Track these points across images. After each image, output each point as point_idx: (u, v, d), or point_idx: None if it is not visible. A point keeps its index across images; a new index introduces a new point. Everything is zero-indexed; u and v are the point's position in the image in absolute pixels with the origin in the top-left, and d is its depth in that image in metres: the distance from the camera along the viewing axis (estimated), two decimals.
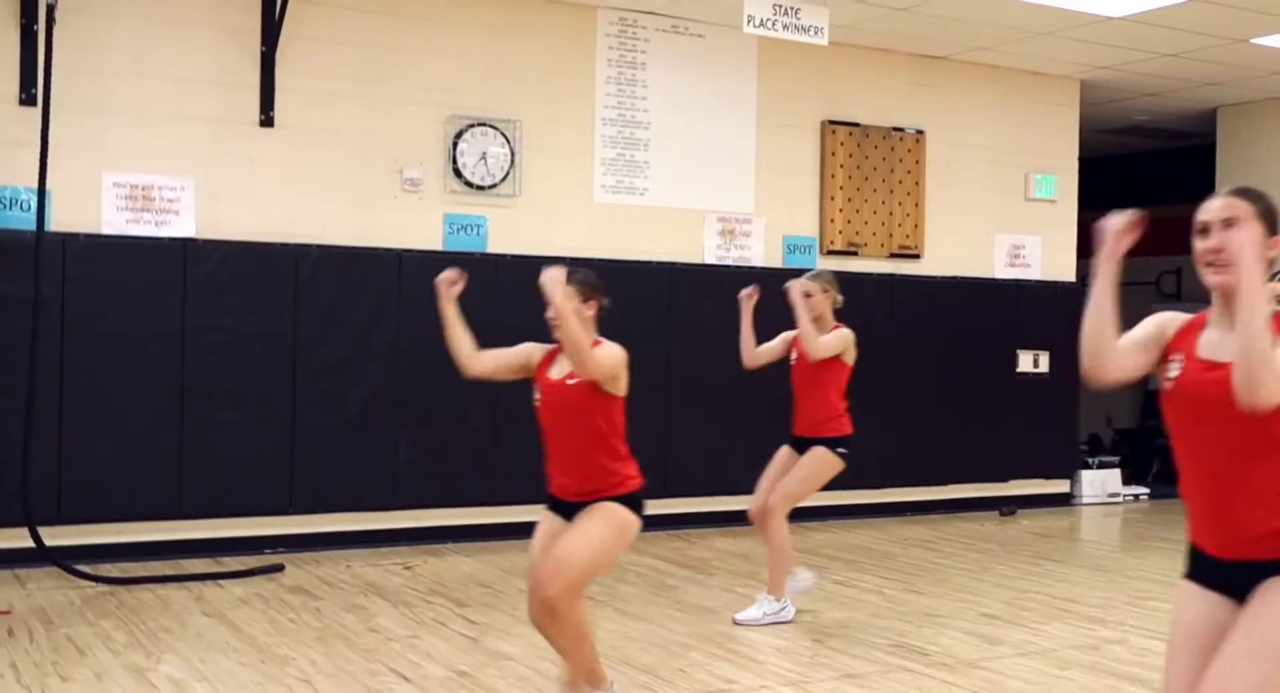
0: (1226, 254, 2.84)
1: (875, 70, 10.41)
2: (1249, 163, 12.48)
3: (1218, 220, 2.89)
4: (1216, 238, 2.89)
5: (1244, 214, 2.86)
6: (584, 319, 4.60)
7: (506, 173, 8.93)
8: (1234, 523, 2.85)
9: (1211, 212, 2.93)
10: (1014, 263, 11.18)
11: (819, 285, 6.75)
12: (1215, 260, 2.89)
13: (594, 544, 4.45)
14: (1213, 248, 2.90)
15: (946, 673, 5.72)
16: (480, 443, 8.85)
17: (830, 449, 6.69)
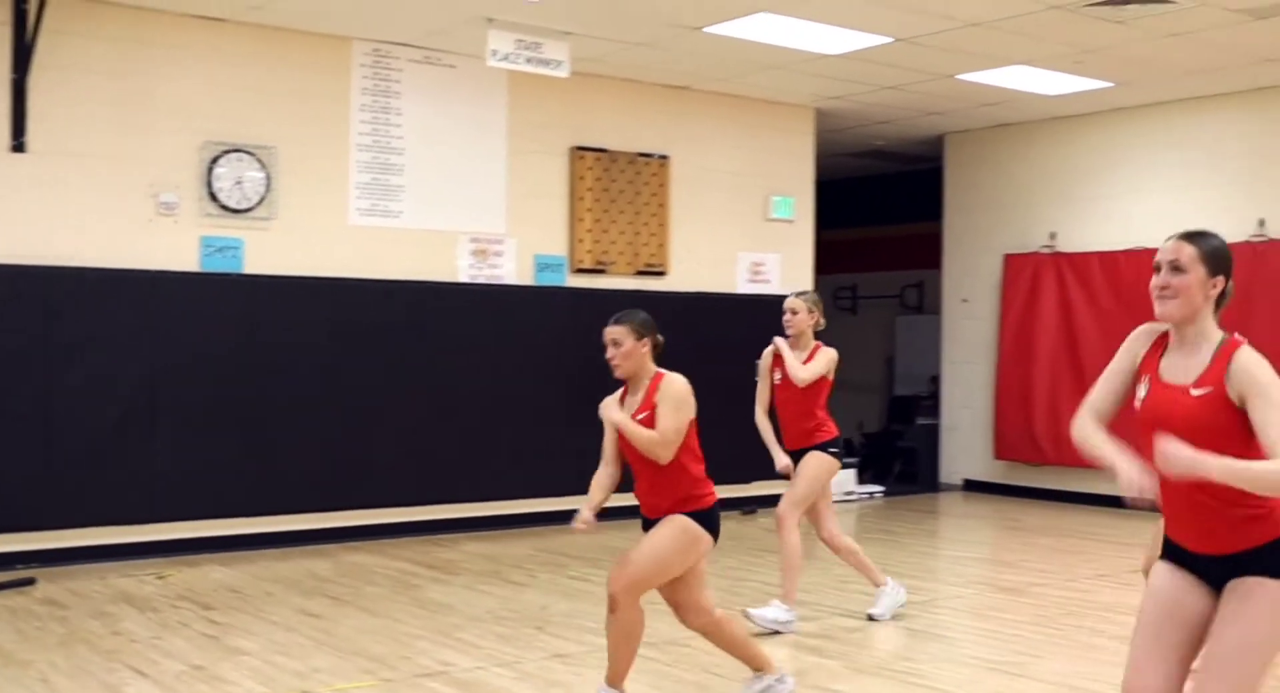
0: (1170, 291, 3.32)
1: (621, 99, 11.10)
2: (972, 186, 13.61)
3: (1166, 261, 3.36)
4: (1164, 277, 3.35)
5: (1188, 258, 3.33)
6: (641, 356, 5.06)
7: (262, 197, 9.30)
8: (1208, 523, 3.29)
9: (1163, 253, 3.39)
10: (755, 279, 12.01)
11: (805, 305, 7.06)
12: (1161, 294, 3.36)
13: (658, 550, 4.94)
14: (1160, 285, 3.36)
15: (653, 651, 6.34)
16: (235, 455, 9.18)
17: (824, 452, 7.08)
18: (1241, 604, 3.22)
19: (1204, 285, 3.33)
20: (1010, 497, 12.98)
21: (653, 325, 5.15)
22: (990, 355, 13.32)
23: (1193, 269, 3.32)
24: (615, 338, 5.08)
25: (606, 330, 5.09)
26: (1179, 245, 3.37)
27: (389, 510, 9.95)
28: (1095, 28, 9.12)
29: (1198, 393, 3.27)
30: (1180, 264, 3.33)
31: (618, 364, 5.04)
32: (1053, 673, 6.05)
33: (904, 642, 6.73)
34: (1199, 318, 3.35)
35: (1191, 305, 3.32)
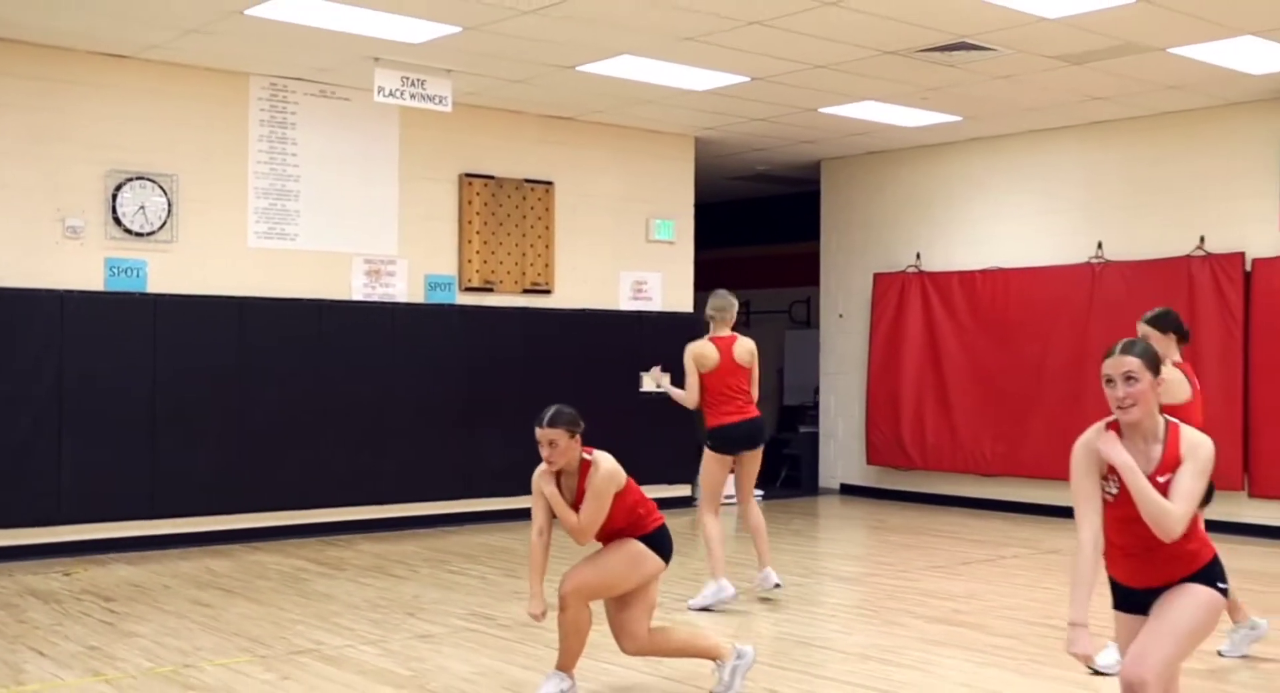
0: (1130, 400, 3.89)
1: (507, 129, 11.90)
2: (846, 209, 14.55)
3: (1119, 374, 3.92)
4: (1121, 389, 3.90)
5: (1136, 368, 3.90)
6: (574, 449, 5.49)
7: (164, 221, 9.99)
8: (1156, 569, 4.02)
9: (1111, 368, 3.94)
10: (637, 296, 12.85)
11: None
12: (1122, 405, 3.92)
13: (607, 562, 5.61)
14: (1119, 397, 3.91)
15: (506, 632, 7.13)
16: (141, 463, 9.85)
17: (704, 443, 8.15)
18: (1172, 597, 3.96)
19: (1153, 386, 3.94)
20: (882, 500, 13.90)
21: (578, 418, 5.52)
22: (863, 367, 14.24)
23: (1143, 376, 3.92)
24: (552, 439, 5.43)
25: (541, 432, 5.43)
26: (1123, 360, 3.94)
27: (290, 513, 10.65)
28: (930, 70, 10.05)
29: (1163, 479, 3.91)
30: (1133, 374, 3.92)
31: (553, 460, 5.51)
32: (854, 644, 6.90)
33: (729, 620, 7.54)
34: (1154, 412, 3.97)
35: (1149, 406, 3.94)
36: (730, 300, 8.30)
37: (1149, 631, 3.97)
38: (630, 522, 5.65)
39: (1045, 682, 6.12)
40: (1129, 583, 4.11)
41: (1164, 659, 3.89)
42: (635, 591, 5.65)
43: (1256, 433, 11.07)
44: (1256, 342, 11.10)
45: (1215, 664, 6.41)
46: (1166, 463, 3.94)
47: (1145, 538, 3.94)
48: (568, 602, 5.61)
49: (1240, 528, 10.95)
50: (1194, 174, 11.57)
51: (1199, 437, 4.01)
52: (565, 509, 5.56)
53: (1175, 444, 3.97)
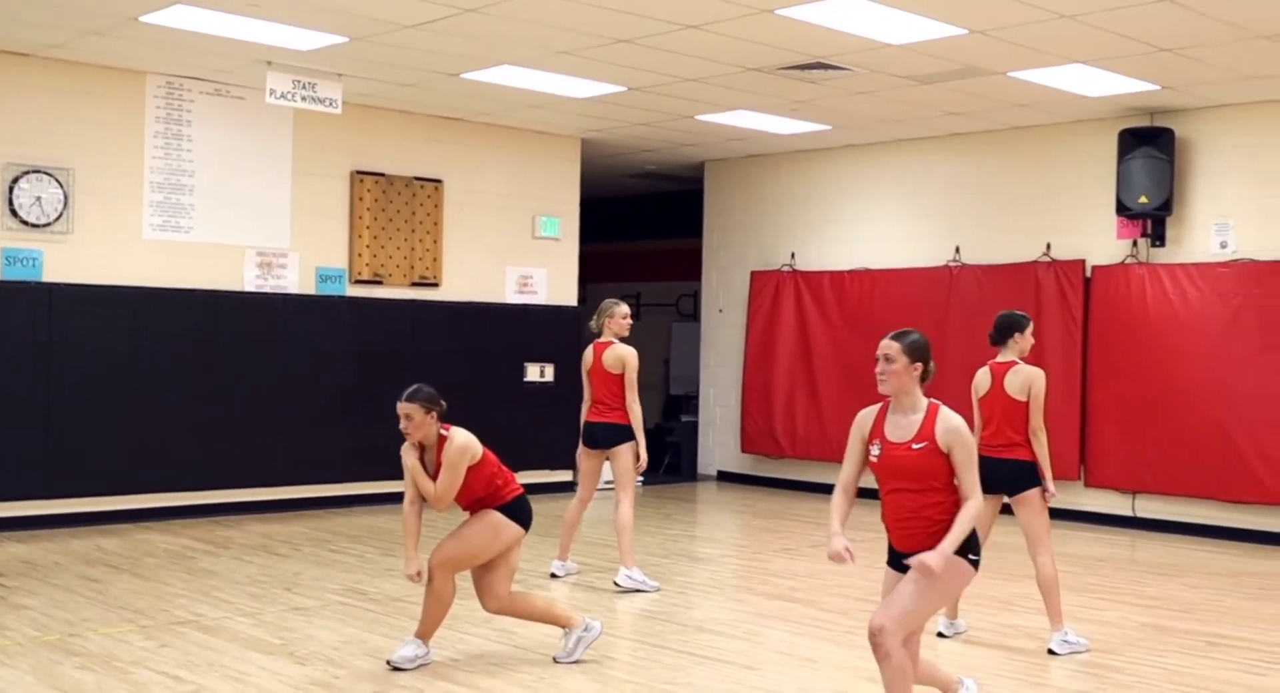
0: (883, 375, 4.77)
1: (398, 129, 12.43)
2: (727, 208, 15.25)
3: (881, 354, 4.79)
4: (880, 366, 4.78)
5: (894, 352, 4.76)
6: (431, 425, 6.10)
7: (60, 213, 10.40)
8: (912, 535, 4.78)
9: (880, 348, 4.81)
10: (523, 290, 13.44)
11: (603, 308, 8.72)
12: (879, 377, 4.80)
13: (468, 537, 6.21)
14: (878, 371, 4.79)
15: (376, 606, 7.71)
16: (36, 446, 10.28)
17: None
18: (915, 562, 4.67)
19: (908, 369, 4.78)
20: (755, 486, 14.64)
21: (436, 397, 6.15)
22: (740, 360, 14.97)
23: (899, 359, 4.78)
24: (408, 413, 6.08)
25: (400, 405, 6.09)
26: (888, 344, 4.82)
27: (181, 494, 11.12)
28: (793, 85, 10.74)
29: (918, 447, 4.72)
30: (890, 356, 4.79)
31: (410, 432, 6.17)
32: (691, 618, 7.59)
33: (582, 597, 8.19)
34: (910, 391, 4.79)
35: (900, 384, 4.78)
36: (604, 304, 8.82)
37: (900, 587, 4.80)
38: (489, 491, 6.29)
39: (856, 650, 6.83)
40: (898, 547, 4.91)
41: (904, 609, 4.72)
42: (498, 556, 6.29)
43: (1093, 427, 11.95)
44: (1094, 342, 11.97)
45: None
46: (922, 433, 4.76)
47: (900, 507, 4.82)
48: (434, 573, 6.23)
49: (1077, 515, 11.84)
50: (1042, 186, 12.42)
51: (954, 417, 4.83)
52: (424, 479, 6.20)
53: (932, 419, 4.77)
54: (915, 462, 4.75)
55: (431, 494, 6.19)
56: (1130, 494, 11.86)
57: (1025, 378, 7.00)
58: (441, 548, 6.26)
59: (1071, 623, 7.09)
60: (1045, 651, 6.87)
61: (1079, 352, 12.03)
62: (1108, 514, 11.94)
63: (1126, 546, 11.04)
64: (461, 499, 6.28)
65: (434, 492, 6.18)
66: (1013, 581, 8.53)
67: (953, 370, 9.98)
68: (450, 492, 6.19)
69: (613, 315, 8.72)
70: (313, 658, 6.46)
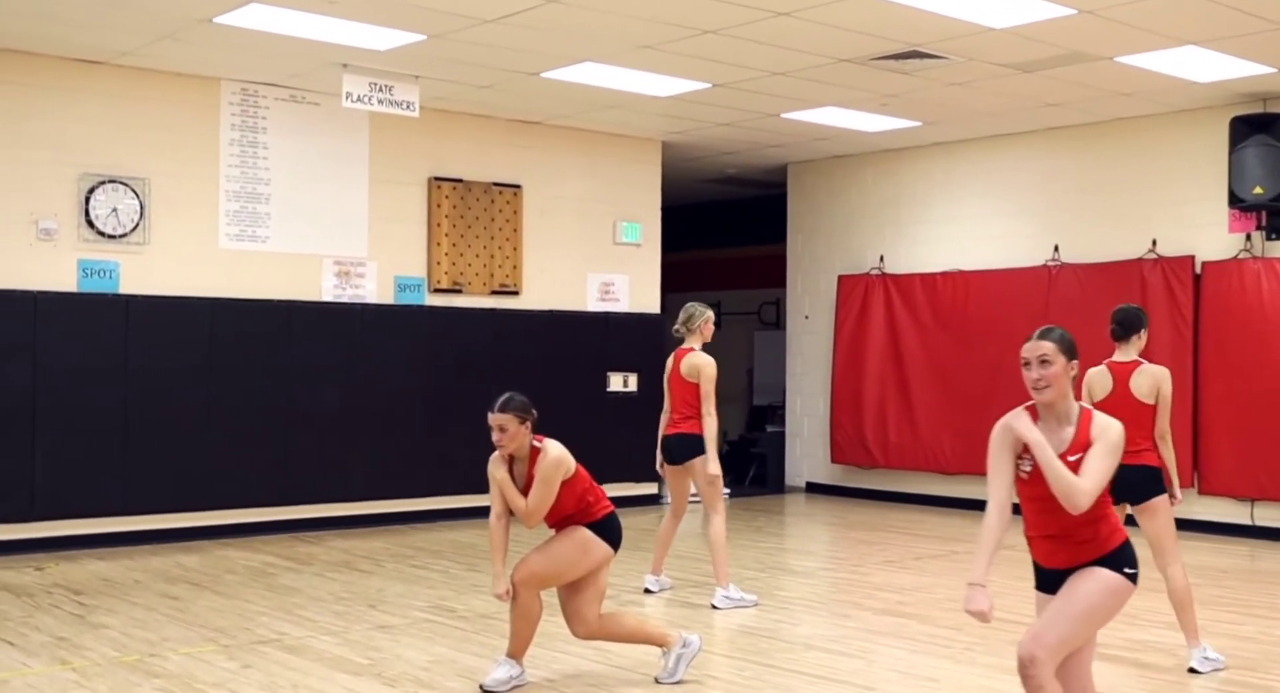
0: (1043, 381, 4.15)
1: (476, 133, 12.13)
2: (812, 212, 14.81)
3: (1035, 358, 4.18)
4: (1036, 371, 4.17)
5: (1051, 351, 4.17)
6: (524, 436, 5.74)
7: (137, 223, 10.20)
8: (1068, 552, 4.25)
9: (1028, 352, 4.20)
10: (604, 298, 13.09)
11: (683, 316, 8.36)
12: (1036, 386, 4.18)
13: (555, 553, 5.83)
14: (1034, 378, 4.17)
15: (464, 623, 7.36)
16: (114, 461, 10.06)
17: None
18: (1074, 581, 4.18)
19: (1067, 371, 4.20)
20: (846, 497, 14.15)
21: (529, 406, 5.77)
22: (828, 368, 14.50)
23: (1057, 360, 4.18)
24: (502, 424, 5.71)
25: (492, 417, 5.71)
26: (1039, 344, 4.21)
27: (261, 510, 10.86)
28: (886, 77, 10.31)
29: (1073, 458, 4.13)
30: (1048, 357, 4.18)
31: (503, 444, 5.79)
32: (799, 635, 7.16)
33: (680, 613, 7.78)
34: (1068, 396, 4.22)
35: (1062, 388, 4.19)
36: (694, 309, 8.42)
37: (1051, 609, 4.22)
38: (580, 509, 5.89)
39: (977, 668, 6.37)
40: (1044, 564, 4.34)
41: (1059, 637, 4.13)
42: (585, 577, 5.88)
43: (1205, 431, 11.36)
44: (1206, 342, 11.38)
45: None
46: (1077, 444, 4.18)
47: (1058, 519, 4.16)
48: (519, 590, 5.84)
49: (1190, 524, 11.23)
50: (1146, 179, 11.86)
51: (1110, 420, 4.25)
52: (514, 493, 5.81)
53: (1087, 427, 4.21)
54: None
55: (523, 510, 5.81)
56: (1248, 501, 11.25)
57: (1153, 378, 6.50)
58: (526, 563, 5.88)
59: (1207, 638, 6.58)
60: (1184, 668, 6.37)
61: (1190, 353, 11.45)
62: (1224, 523, 11.34)
63: (1246, 556, 10.44)
64: (550, 516, 5.89)
65: (525, 507, 5.80)
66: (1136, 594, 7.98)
67: None
68: (543, 507, 5.81)
69: (707, 320, 8.34)
70: (402, 679, 6.11)
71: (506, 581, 5.81)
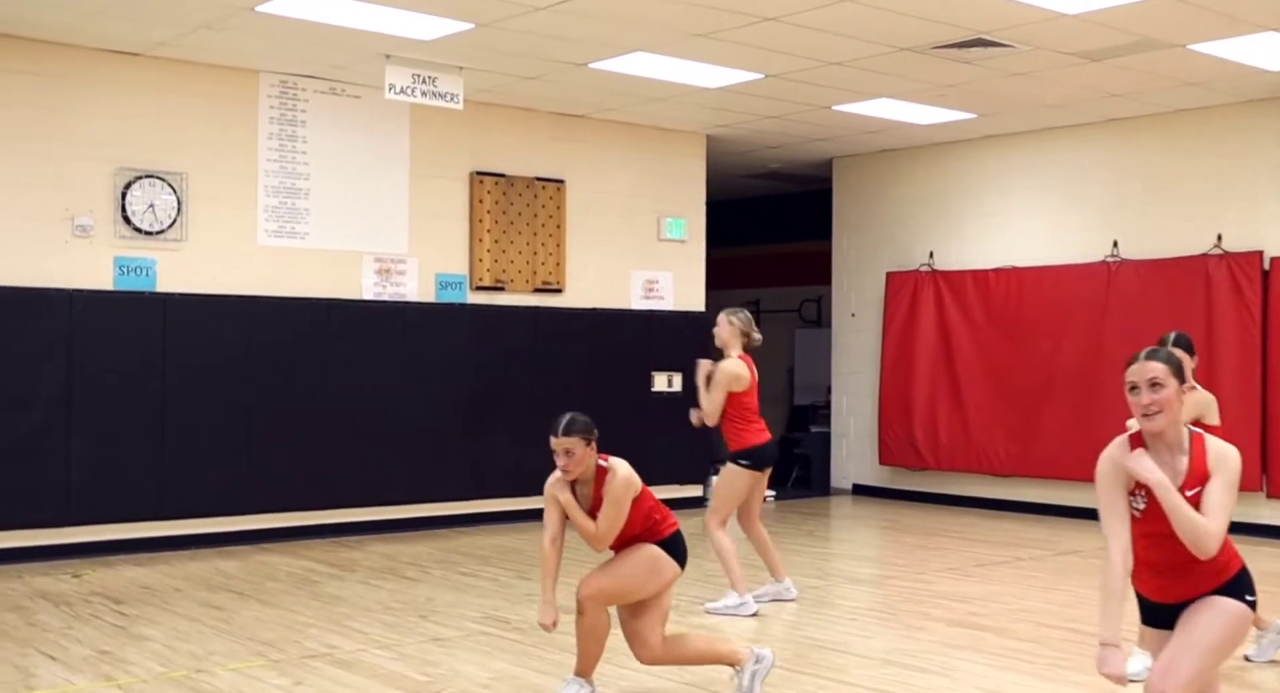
0: (1156, 408, 3.79)
1: (519, 127, 11.81)
2: (858, 207, 14.45)
3: (1144, 381, 3.82)
4: (1147, 396, 3.80)
5: (1162, 374, 3.79)
6: (590, 457, 5.42)
7: (174, 219, 9.91)
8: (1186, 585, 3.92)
9: (1136, 375, 3.83)
10: (648, 295, 12.75)
11: (724, 317, 7.98)
12: (1147, 412, 3.81)
13: (624, 568, 5.49)
14: (1144, 403, 3.81)
15: (521, 636, 7.05)
16: (150, 464, 9.77)
17: (733, 462, 7.87)
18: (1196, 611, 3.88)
19: (1178, 394, 3.85)
20: (894, 500, 13.80)
21: (593, 425, 5.46)
22: (875, 367, 14.14)
23: (1169, 383, 3.82)
24: (568, 448, 5.37)
25: (557, 441, 5.36)
26: (1148, 366, 3.83)
27: (297, 514, 10.57)
28: (946, 66, 9.94)
29: (1191, 493, 3.79)
30: (1159, 381, 3.81)
31: (570, 470, 5.43)
32: (876, 650, 6.81)
33: (747, 625, 7.44)
34: (1178, 421, 3.87)
35: (1174, 414, 3.84)
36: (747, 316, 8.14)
37: (1176, 644, 3.88)
38: (646, 528, 5.57)
39: (1070, 687, 6.02)
40: (1157, 599, 4.02)
41: (1191, 673, 3.80)
42: (649, 598, 5.56)
43: (1275, 433, 10.96)
44: (1275, 341, 10.99)
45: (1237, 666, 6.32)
46: (1195, 475, 3.84)
47: (1175, 554, 3.85)
48: (585, 607, 5.52)
49: (1259, 529, 10.84)
50: (1211, 172, 11.46)
51: (1226, 447, 3.90)
52: (583, 518, 5.48)
53: (1202, 455, 3.87)
54: None
55: (593, 534, 5.48)
56: None
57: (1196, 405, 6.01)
58: (594, 580, 5.54)
59: None
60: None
61: (1258, 352, 11.05)
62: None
63: None
64: (616, 538, 5.56)
65: (596, 531, 5.47)
66: None
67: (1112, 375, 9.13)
68: (614, 530, 5.48)
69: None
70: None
71: (555, 610, 5.47)
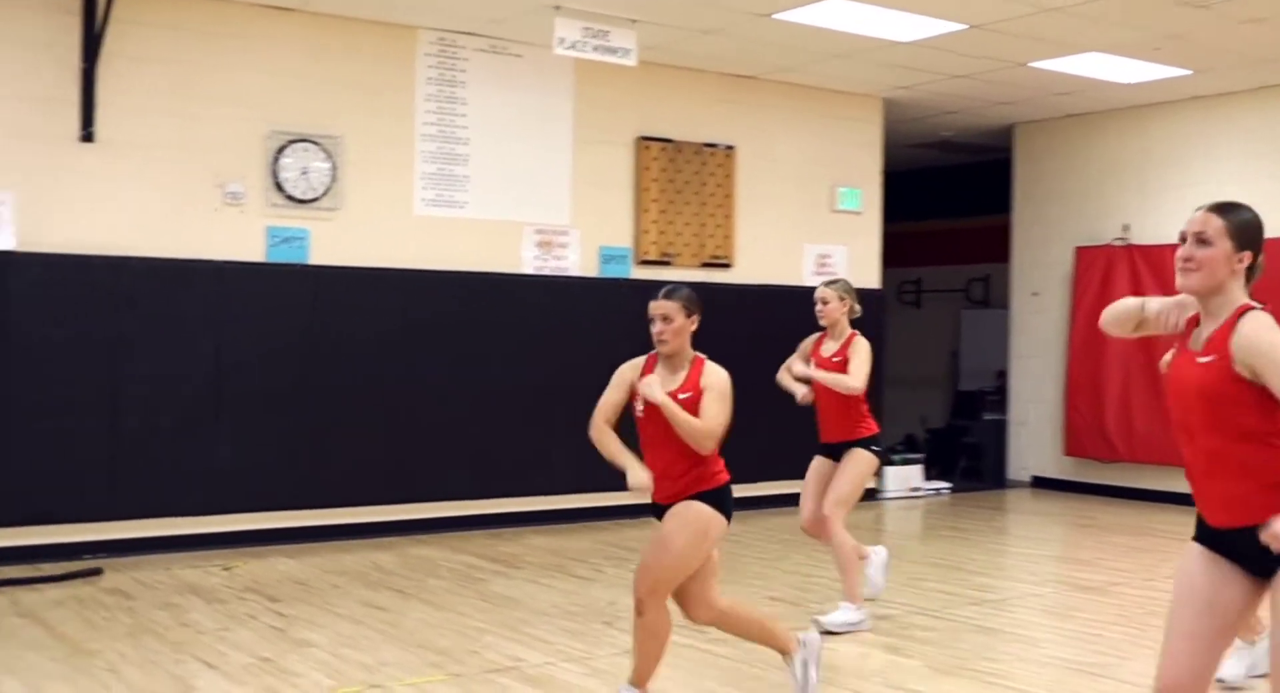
0: (1194, 264, 3.27)
1: (687, 88, 10.97)
2: (1042, 177, 13.36)
3: (1191, 233, 3.31)
4: (1188, 249, 3.28)
5: (1214, 231, 3.28)
6: (689, 333, 4.90)
7: (328, 187, 9.26)
8: (1226, 494, 3.25)
9: (1190, 224, 3.31)
10: (821, 271, 11.81)
11: (836, 293, 7.01)
12: (1184, 267, 3.29)
13: (674, 548, 4.74)
14: (1183, 256, 3.28)
15: (719, 647, 6.24)
16: (300, 448, 9.15)
17: (865, 448, 6.90)
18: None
19: (1229, 260, 3.27)
20: (1080, 494, 12.73)
21: (700, 304, 4.94)
22: (1060, 350, 13.07)
23: (1219, 242, 3.26)
24: (666, 313, 4.89)
25: (655, 304, 4.91)
26: (1206, 217, 3.29)
27: (452, 504, 9.88)
28: (1177, 13, 8.88)
29: (1203, 360, 3.25)
30: (1206, 237, 3.27)
31: (666, 340, 4.87)
32: (1138, 675, 5.86)
33: (983, 641, 6.55)
34: (1225, 291, 3.29)
35: (1214, 279, 3.27)
36: None
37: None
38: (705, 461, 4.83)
39: None
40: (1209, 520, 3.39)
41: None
42: None
43: None
44: None
45: None
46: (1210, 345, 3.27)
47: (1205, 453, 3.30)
48: (645, 604, 4.77)
49: None
50: None
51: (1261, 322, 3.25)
52: (683, 414, 4.71)
53: (1230, 326, 3.25)
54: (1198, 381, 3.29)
55: (699, 431, 4.70)
56: None
57: None
58: (647, 572, 4.78)
59: None
60: None
61: None
62: None
63: None
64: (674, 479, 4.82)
65: (703, 427, 4.70)
66: None
67: None
68: (721, 427, 4.74)
69: None
70: None
71: (644, 470, 4.78)
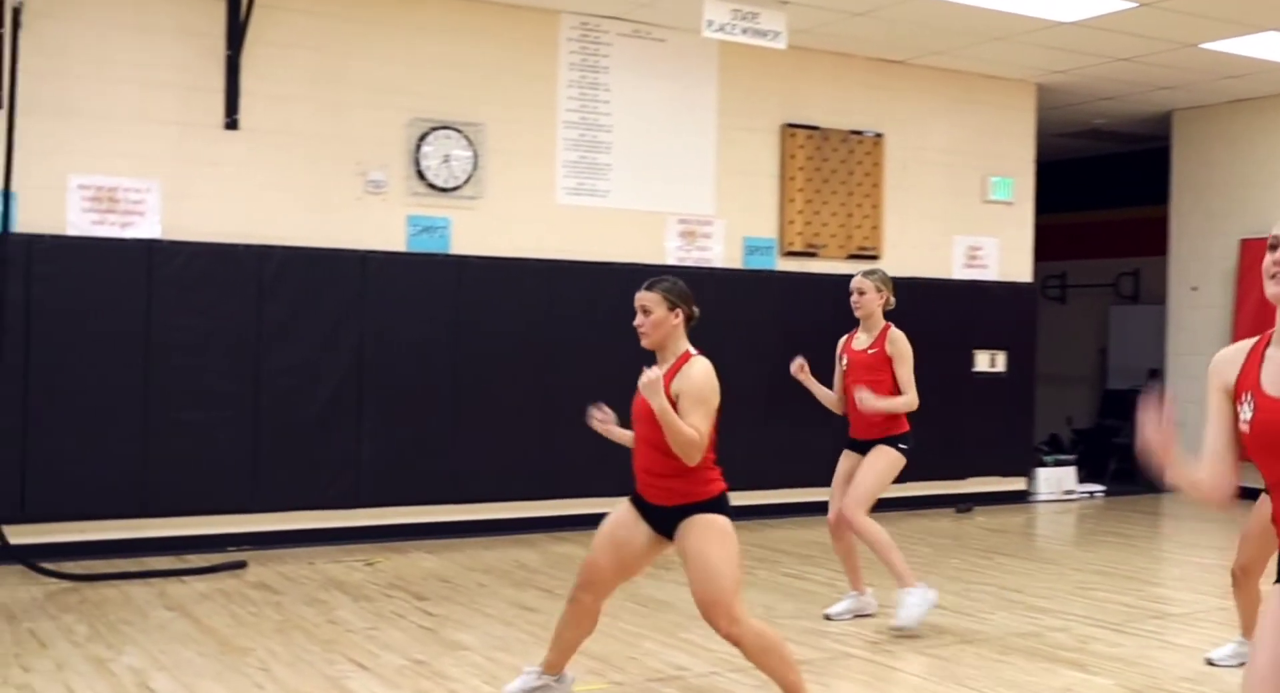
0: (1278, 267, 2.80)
1: (834, 74, 10.58)
2: (1203, 166, 12.71)
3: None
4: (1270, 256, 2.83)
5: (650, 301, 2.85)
6: (671, 327, 4.63)
7: (470, 175, 9.06)
8: None
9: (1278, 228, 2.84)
10: (971, 264, 11.37)
11: (872, 284, 6.79)
12: (1277, 274, 2.82)
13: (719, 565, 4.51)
14: (1276, 261, 2.82)
15: (892, 659, 5.89)
16: (442, 441, 8.97)
17: (893, 446, 6.63)
18: None
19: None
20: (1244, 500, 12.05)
21: (688, 295, 4.67)
22: (1221, 347, 12.41)
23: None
24: (645, 305, 4.62)
25: (637, 295, 4.63)
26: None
27: (595, 500, 9.61)
28: None
29: None
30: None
31: (646, 333, 4.60)
32: None
33: (1175, 659, 6.09)
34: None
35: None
36: None
37: None
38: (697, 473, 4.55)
39: None
40: None
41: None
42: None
43: None
44: None
45: None
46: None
47: None
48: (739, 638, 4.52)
49: None
50: None
51: None
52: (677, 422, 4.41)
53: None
54: None
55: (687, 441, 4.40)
56: None
57: None
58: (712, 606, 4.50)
59: None
60: None
61: None
62: None
63: None
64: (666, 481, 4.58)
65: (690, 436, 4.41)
66: None
67: None
68: (706, 434, 4.46)
69: None
70: None
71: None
